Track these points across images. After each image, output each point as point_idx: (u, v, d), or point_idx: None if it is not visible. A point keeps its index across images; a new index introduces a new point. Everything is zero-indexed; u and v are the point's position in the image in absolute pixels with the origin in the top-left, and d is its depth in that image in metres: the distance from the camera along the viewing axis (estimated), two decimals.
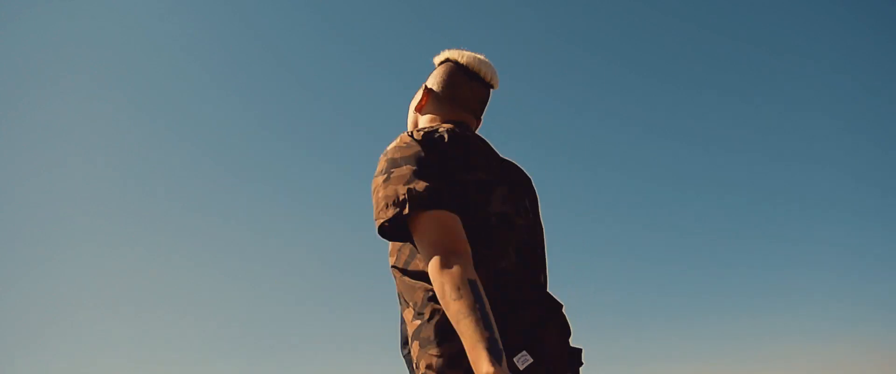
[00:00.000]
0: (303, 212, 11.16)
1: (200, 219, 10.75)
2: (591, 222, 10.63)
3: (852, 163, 9.64)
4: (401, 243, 1.26)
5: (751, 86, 10.33)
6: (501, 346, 1.02)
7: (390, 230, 1.18)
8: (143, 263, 10.08)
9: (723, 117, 10.49)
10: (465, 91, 1.46)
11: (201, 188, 10.86)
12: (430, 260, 1.09)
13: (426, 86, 1.49)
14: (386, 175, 1.17)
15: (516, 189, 1.36)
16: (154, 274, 10.05)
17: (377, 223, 1.16)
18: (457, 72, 1.48)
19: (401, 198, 1.13)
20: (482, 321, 1.01)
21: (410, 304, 1.22)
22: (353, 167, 10.89)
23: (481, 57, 1.50)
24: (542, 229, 1.40)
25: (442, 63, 1.51)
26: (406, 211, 1.11)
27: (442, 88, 1.47)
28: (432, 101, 1.47)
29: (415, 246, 1.20)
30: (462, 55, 1.49)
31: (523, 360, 1.12)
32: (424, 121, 1.47)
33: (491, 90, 1.52)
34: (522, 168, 1.47)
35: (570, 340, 1.27)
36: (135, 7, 10.08)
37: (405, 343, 1.26)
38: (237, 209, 10.80)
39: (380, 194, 1.16)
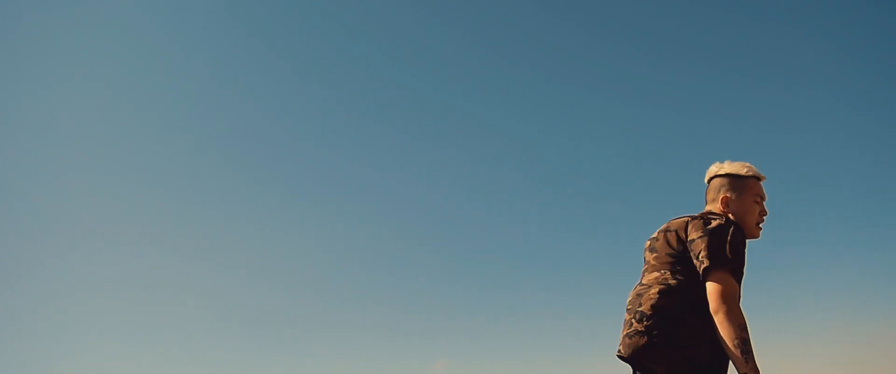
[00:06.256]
0: (305, 208, 11.16)
1: (202, 218, 10.75)
2: (582, 218, 10.63)
3: (854, 142, 9.63)
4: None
5: (744, 66, 10.32)
6: None
7: None
8: (144, 263, 10.08)
9: (718, 100, 10.48)
10: None
11: (203, 186, 10.85)
12: None
13: None
14: None
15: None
16: (155, 274, 10.06)
17: None
18: None
19: None
20: None
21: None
22: (352, 162, 10.88)
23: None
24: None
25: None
26: None
27: None
28: None
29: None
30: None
31: None
32: None
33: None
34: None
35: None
36: (137, 6, 10.07)
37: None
38: (240, 208, 10.79)
39: None
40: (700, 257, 1.81)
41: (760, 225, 2.01)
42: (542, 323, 9.52)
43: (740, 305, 1.76)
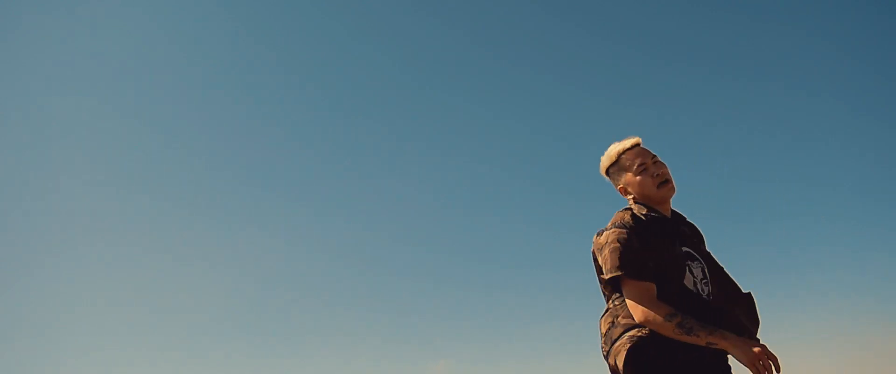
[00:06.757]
0: (305, 209, 11.18)
1: (202, 219, 10.76)
2: (577, 215, 10.64)
3: (855, 142, 9.64)
4: None
5: (744, 66, 10.33)
6: None
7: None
8: (144, 263, 10.09)
9: (718, 94, 10.49)
10: None
11: (203, 187, 10.87)
12: None
13: None
14: None
15: None
16: (155, 275, 10.06)
17: None
18: None
19: None
20: None
21: None
22: (352, 162, 10.88)
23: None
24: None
25: None
26: None
27: None
28: None
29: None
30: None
31: None
32: None
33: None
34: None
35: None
36: (137, 6, 10.08)
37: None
38: (240, 209, 10.81)
39: None
40: (606, 276, 1.81)
41: (662, 184, 1.93)
42: (543, 324, 9.54)
43: (654, 299, 1.70)
